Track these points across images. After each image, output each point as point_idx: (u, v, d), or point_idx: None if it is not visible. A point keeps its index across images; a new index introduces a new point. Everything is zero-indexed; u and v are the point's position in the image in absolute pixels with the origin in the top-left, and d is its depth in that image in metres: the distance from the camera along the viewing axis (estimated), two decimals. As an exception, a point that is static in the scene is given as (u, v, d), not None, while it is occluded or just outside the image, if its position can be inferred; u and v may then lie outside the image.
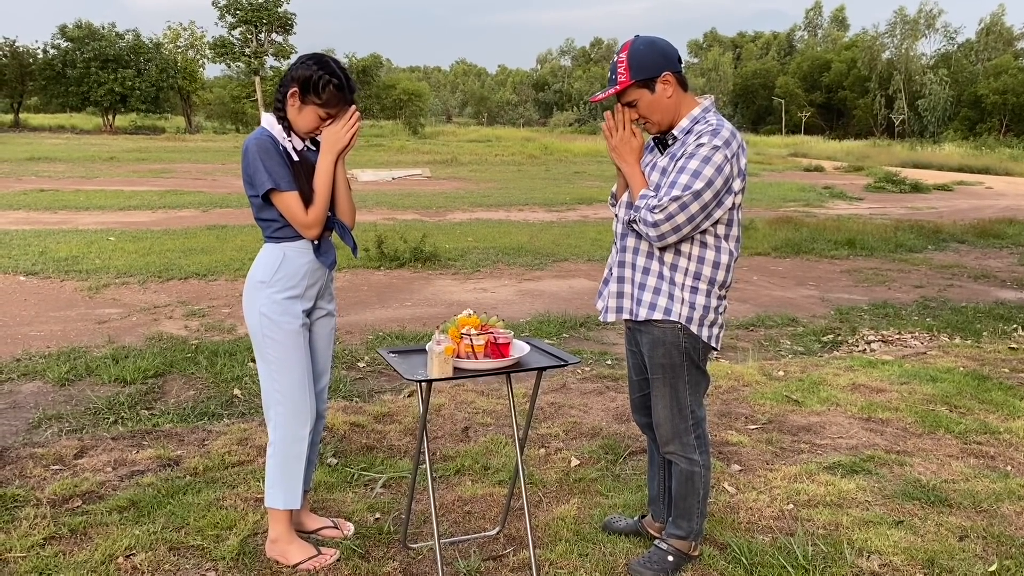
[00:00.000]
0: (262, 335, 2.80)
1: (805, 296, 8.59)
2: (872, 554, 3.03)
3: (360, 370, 5.55)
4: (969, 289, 9.26)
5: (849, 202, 20.07)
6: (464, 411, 4.58)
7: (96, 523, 3.16)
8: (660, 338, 2.72)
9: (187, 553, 2.98)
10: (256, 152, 2.70)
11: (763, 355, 6.11)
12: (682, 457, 2.83)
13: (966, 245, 12.86)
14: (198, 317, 6.91)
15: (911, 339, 6.80)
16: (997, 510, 3.41)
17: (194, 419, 4.48)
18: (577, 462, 3.90)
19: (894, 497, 3.52)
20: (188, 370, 5.36)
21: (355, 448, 4.02)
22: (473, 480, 3.68)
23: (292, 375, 2.82)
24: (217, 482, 3.57)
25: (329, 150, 2.79)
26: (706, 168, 2.51)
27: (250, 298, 2.83)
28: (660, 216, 2.54)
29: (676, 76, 2.63)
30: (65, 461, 3.79)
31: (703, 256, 2.66)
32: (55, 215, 13.40)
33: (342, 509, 3.37)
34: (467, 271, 9.47)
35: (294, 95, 2.73)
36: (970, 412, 4.68)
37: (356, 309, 7.37)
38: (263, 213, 2.80)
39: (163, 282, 8.34)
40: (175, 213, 14.21)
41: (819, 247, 11.75)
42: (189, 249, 10.18)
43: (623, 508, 3.39)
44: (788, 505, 3.43)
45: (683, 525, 2.89)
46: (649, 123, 2.69)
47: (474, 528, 3.25)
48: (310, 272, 2.85)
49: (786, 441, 4.21)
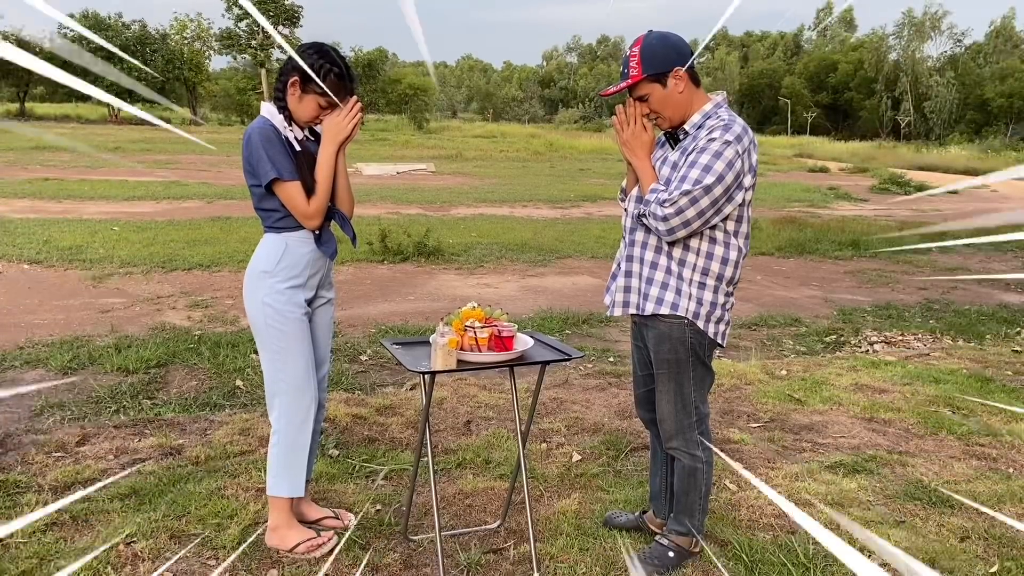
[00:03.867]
0: (265, 325, 2.79)
1: (808, 296, 8.57)
2: (873, 554, 3.02)
3: (362, 363, 5.55)
4: (973, 292, 9.24)
5: (854, 203, 20.02)
6: (466, 405, 4.58)
7: (97, 510, 3.17)
8: (666, 333, 2.71)
9: (188, 541, 2.98)
10: (259, 141, 2.69)
11: (766, 355, 6.10)
12: (685, 453, 2.82)
13: (970, 248, 12.82)
14: (201, 308, 6.91)
15: (914, 341, 6.78)
16: (999, 512, 3.41)
17: (196, 409, 4.49)
18: (579, 457, 3.90)
19: (896, 497, 3.52)
20: (191, 360, 5.35)
21: (357, 440, 4.02)
22: (474, 474, 3.68)
23: (296, 364, 2.81)
24: (219, 471, 3.57)
25: (331, 140, 2.78)
26: (717, 163, 2.50)
27: (252, 288, 2.82)
28: (670, 210, 2.53)
29: (688, 71, 2.62)
30: (67, 448, 3.79)
31: (712, 252, 2.65)
32: (60, 204, 13.39)
33: (343, 500, 3.37)
34: (471, 266, 9.45)
35: (295, 84, 2.72)
36: (973, 414, 4.66)
37: (359, 302, 7.36)
38: (264, 203, 2.79)
39: (167, 272, 8.33)
40: (179, 204, 14.20)
41: (823, 248, 11.71)
42: (193, 240, 10.18)
43: (624, 504, 3.39)
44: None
45: (685, 521, 2.89)
46: (660, 118, 2.67)
47: (475, 521, 3.25)
48: (312, 262, 2.85)
49: (788, 440, 4.21)
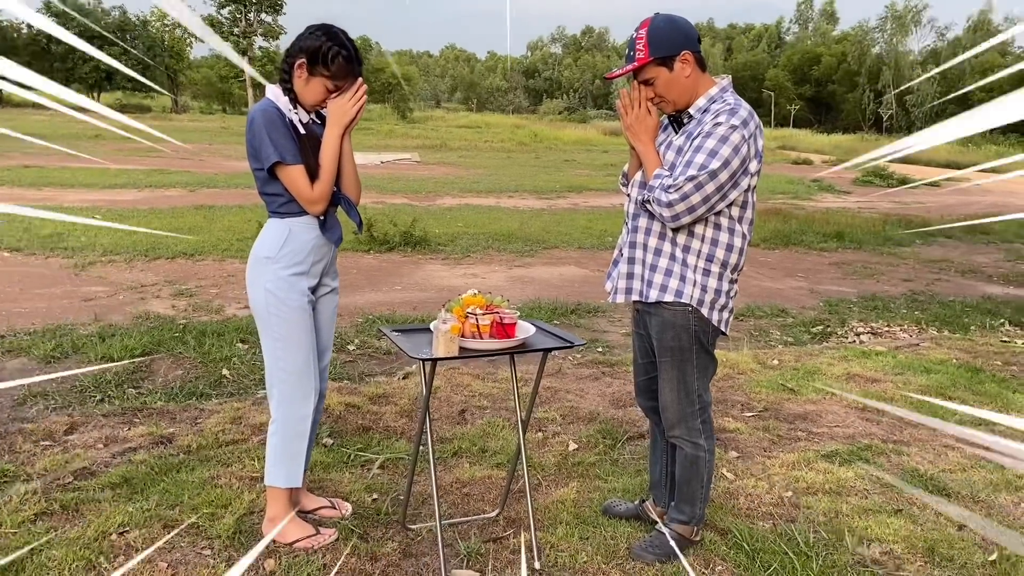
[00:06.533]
0: (267, 312, 2.73)
1: (794, 287, 8.60)
2: (872, 542, 3.03)
3: (350, 353, 5.50)
4: (956, 284, 9.30)
5: (837, 195, 20.14)
6: (461, 394, 4.54)
7: (88, 499, 3.10)
8: (670, 320, 2.68)
9: (182, 531, 2.92)
10: (262, 124, 2.61)
11: (754, 345, 6.11)
12: (687, 441, 2.80)
13: (953, 240, 12.92)
14: (185, 297, 6.82)
15: (900, 332, 6.81)
16: (995, 500, 3.42)
17: (182, 399, 4.42)
18: (575, 446, 3.87)
19: (892, 486, 3.52)
20: (176, 350, 5.28)
21: (351, 429, 3.97)
22: (471, 463, 3.65)
23: (297, 353, 2.76)
24: (211, 460, 3.51)
25: (336, 123, 2.71)
26: (723, 148, 2.46)
27: (255, 274, 2.75)
28: (675, 196, 2.49)
29: (695, 55, 2.58)
30: (55, 437, 3.72)
31: (717, 238, 2.62)
32: (40, 192, 13.20)
33: (339, 490, 3.32)
34: (457, 256, 9.41)
35: (302, 66, 2.66)
36: (965, 404, 4.68)
37: (345, 292, 7.26)
38: (268, 187, 2.72)
39: (150, 261, 8.22)
40: (162, 192, 14.04)
41: (808, 239, 11.77)
42: (176, 228, 10.06)
43: (622, 492, 3.37)
44: (787, 492, 3.42)
45: (686, 510, 2.87)
46: (665, 102, 2.63)
47: (473, 510, 3.21)
48: (316, 248, 2.79)
49: (783, 429, 4.21)
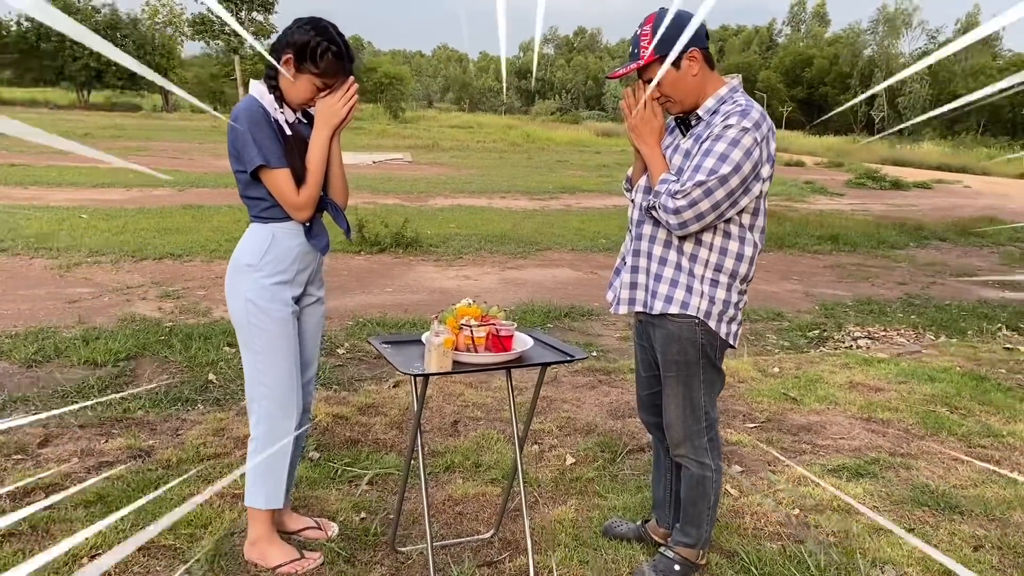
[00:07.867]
0: (248, 323, 2.56)
1: (789, 290, 8.48)
2: (886, 564, 2.89)
3: (340, 356, 5.34)
4: (952, 287, 9.20)
5: (830, 197, 20.04)
6: (453, 404, 4.39)
7: (60, 519, 2.94)
8: (675, 333, 2.53)
9: (158, 553, 2.76)
10: (246, 124, 2.44)
11: (750, 349, 5.98)
12: (693, 461, 2.65)
13: (947, 243, 12.84)
14: (172, 299, 6.64)
15: (897, 336, 6.70)
16: (1010, 519, 3.29)
17: (167, 404, 4.25)
18: (573, 460, 3.72)
19: (903, 503, 3.39)
20: (161, 353, 5.11)
21: (339, 442, 3.81)
22: (464, 478, 3.49)
23: (279, 367, 2.59)
24: (191, 476, 3.35)
25: (324, 124, 2.54)
26: (734, 151, 2.31)
27: (234, 282, 2.58)
28: (682, 202, 2.34)
29: (703, 52, 2.43)
30: (28, 451, 3.55)
31: (726, 247, 2.46)
32: (26, 191, 12.96)
33: (325, 508, 3.16)
34: (449, 258, 9.25)
35: (288, 62, 2.49)
36: (971, 414, 4.56)
37: (336, 294, 7.14)
38: (250, 191, 2.55)
39: (136, 262, 8.02)
40: (150, 192, 13.81)
41: (802, 242, 11.65)
42: (164, 228, 9.86)
43: (623, 511, 3.22)
44: (794, 510, 3.29)
45: (691, 532, 2.72)
46: (671, 102, 2.48)
47: (466, 530, 3.06)
48: (301, 256, 2.62)
49: (787, 441, 4.07)
